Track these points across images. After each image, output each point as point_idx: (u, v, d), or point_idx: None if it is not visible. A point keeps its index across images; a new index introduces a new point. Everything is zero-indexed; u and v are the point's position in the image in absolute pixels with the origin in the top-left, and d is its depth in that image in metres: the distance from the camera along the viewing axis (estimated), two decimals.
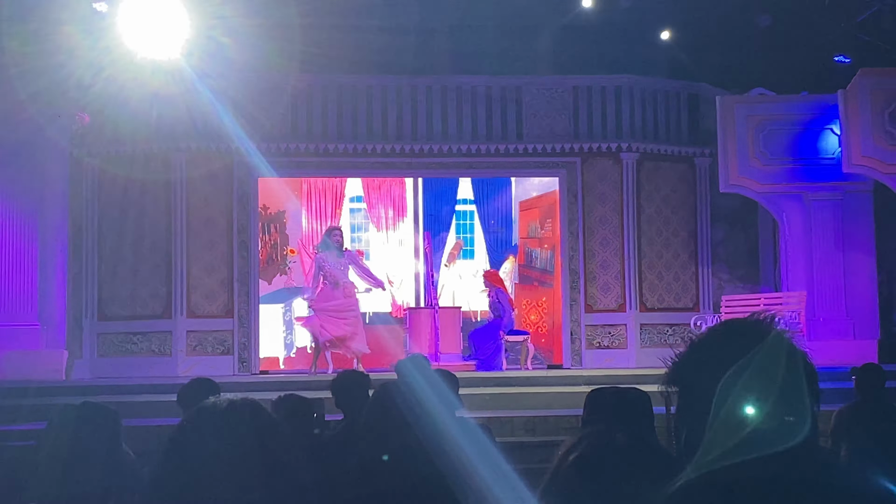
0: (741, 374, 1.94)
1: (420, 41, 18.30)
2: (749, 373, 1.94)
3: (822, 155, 16.30)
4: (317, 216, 19.42)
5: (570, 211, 16.96)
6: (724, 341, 1.99)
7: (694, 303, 17.25)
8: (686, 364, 2.01)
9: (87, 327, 16.19)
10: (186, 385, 6.90)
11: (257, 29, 16.89)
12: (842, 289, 16.21)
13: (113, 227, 16.34)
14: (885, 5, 15.70)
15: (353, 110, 16.83)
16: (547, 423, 11.34)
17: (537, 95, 17.18)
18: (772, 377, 1.94)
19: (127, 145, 16.31)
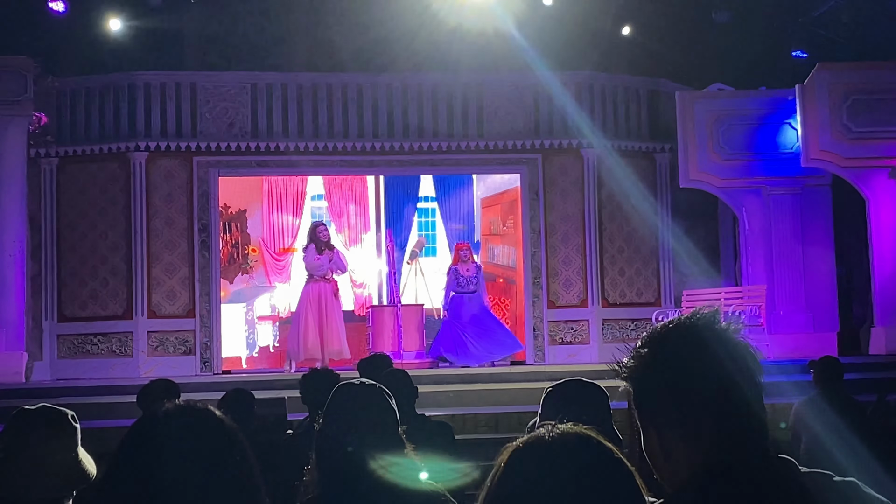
0: (688, 376, 1.95)
1: (380, 38, 18.28)
2: (691, 374, 1.95)
3: (780, 149, 16.42)
4: (278, 216, 19.37)
5: (531, 207, 16.99)
6: (671, 339, 2.01)
7: (656, 298, 17.32)
8: (638, 362, 2.03)
9: (46, 329, 16.08)
10: (146, 386, 6.86)
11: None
12: (801, 282, 16.34)
13: (72, 227, 16.24)
14: (841, 0, 15.82)
15: (312, 108, 16.79)
16: (510, 419, 11.37)
17: (498, 93, 17.20)
18: (712, 378, 1.96)
19: (85, 144, 16.27)
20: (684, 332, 2.01)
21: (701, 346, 1.98)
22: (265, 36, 18.07)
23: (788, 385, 10.85)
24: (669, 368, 1.97)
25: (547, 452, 1.82)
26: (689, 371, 1.95)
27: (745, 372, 1.98)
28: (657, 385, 1.99)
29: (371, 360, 7.39)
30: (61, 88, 16.35)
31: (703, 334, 1.99)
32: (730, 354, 1.98)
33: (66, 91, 16.41)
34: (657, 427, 1.99)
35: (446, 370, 15.17)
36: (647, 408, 2.00)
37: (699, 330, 2.00)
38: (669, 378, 1.97)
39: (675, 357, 1.97)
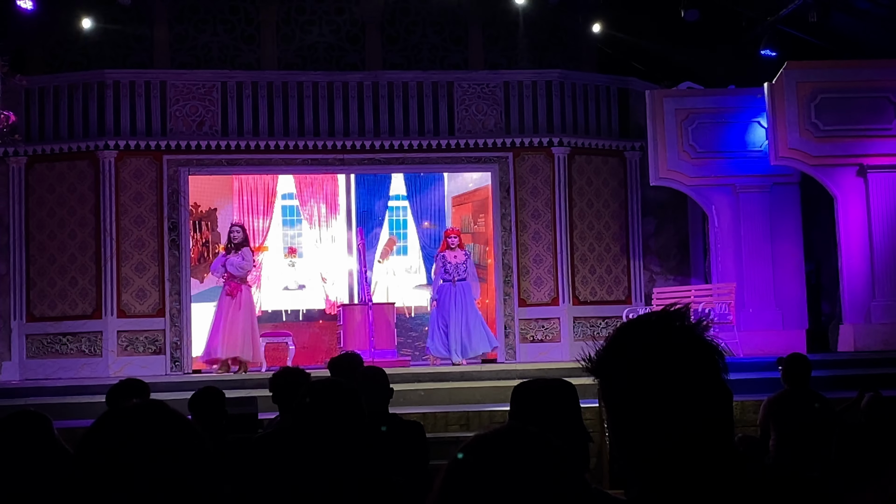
0: (653, 371, 1.96)
1: (351, 36, 18.28)
2: (656, 370, 1.96)
3: (749, 148, 16.50)
4: (249, 213, 19.30)
5: (502, 206, 17.01)
6: (637, 335, 2.02)
7: (626, 295, 17.37)
8: (603, 358, 2.04)
9: (15, 328, 16.00)
10: (115, 386, 6.83)
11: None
12: (771, 280, 16.42)
13: (40, 226, 16.17)
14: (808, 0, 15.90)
15: (283, 106, 16.76)
16: (481, 417, 11.37)
17: (468, 90, 17.21)
18: (677, 374, 1.96)
19: (54, 143, 16.20)
20: (652, 327, 2.02)
21: (667, 342, 1.99)
22: (235, 34, 18.02)
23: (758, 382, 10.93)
24: (635, 364, 1.98)
25: (483, 451, 1.83)
26: (654, 366, 1.96)
27: (711, 369, 1.98)
28: (623, 380, 1.99)
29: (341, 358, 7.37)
30: (29, 86, 16.24)
31: (670, 330, 2.00)
32: (696, 351, 1.99)
33: (34, 89, 16.31)
34: (623, 422, 1.99)
35: (417, 368, 15.16)
36: (614, 403, 2.01)
37: (667, 326, 2.01)
38: (635, 373, 1.98)
39: (641, 352, 1.98)
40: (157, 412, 1.98)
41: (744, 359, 14.11)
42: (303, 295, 19.93)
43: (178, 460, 1.89)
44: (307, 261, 20.17)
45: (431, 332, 15.99)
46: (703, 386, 1.97)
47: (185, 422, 1.97)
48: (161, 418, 1.95)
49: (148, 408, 2.01)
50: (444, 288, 15.89)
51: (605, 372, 2.04)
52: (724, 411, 1.99)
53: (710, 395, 1.97)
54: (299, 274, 20.18)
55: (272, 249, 19.88)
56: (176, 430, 1.93)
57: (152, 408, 1.99)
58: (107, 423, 1.96)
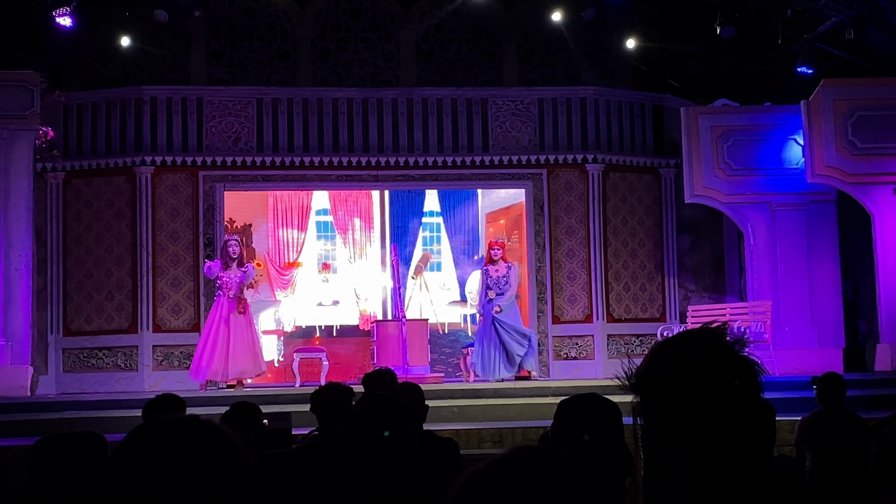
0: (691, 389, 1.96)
1: (386, 53, 18.36)
2: (695, 388, 1.96)
3: (786, 165, 16.43)
4: (283, 230, 19.40)
5: (536, 222, 17.02)
6: (677, 352, 2.02)
7: (661, 313, 17.32)
8: (643, 374, 2.04)
9: (52, 342, 16.12)
10: (152, 401, 6.85)
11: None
12: (807, 298, 16.32)
13: (78, 241, 16.31)
14: (846, 17, 15.83)
15: (318, 123, 16.85)
16: (515, 434, 11.35)
17: (502, 107, 17.25)
18: (715, 391, 1.97)
19: (92, 158, 16.35)
20: (692, 344, 2.03)
21: (707, 359, 2.00)
22: (271, 51, 18.15)
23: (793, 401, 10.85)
24: (676, 380, 1.99)
25: (499, 472, 1.77)
26: (694, 383, 1.97)
27: (751, 386, 1.99)
28: (663, 396, 2.00)
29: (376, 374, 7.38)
30: (68, 103, 16.44)
31: (709, 347, 2.01)
32: (735, 368, 2.00)
33: (72, 105, 16.51)
34: (662, 439, 2.00)
35: (450, 385, 15.14)
36: (653, 419, 2.01)
37: (706, 343, 2.02)
38: (675, 390, 1.99)
39: (682, 369, 1.99)
40: (199, 428, 1.90)
41: (779, 378, 14.02)
42: (336, 311, 19.97)
43: (221, 480, 1.85)
44: (341, 277, 20.22)
45: (476, 351, 15.56)
46: (743, 403, 1.98)
47: (230, 439, 1.92)
48: (203, 434, 1.89)
49: (188, 423, 1.92)
50: (487, 304, 15.44)
51: (645, 389, 2.04)
52: (764, 428, 1.99)
53: (750, 411, 1.98)
54: (333, 290, 20.22)
55: (306, 265, 19.95)
56: (220, 447, 1.89)
57: (193, 423, 1.92)
58: (142, 437, 1.89)
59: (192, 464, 1.84)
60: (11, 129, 15.00)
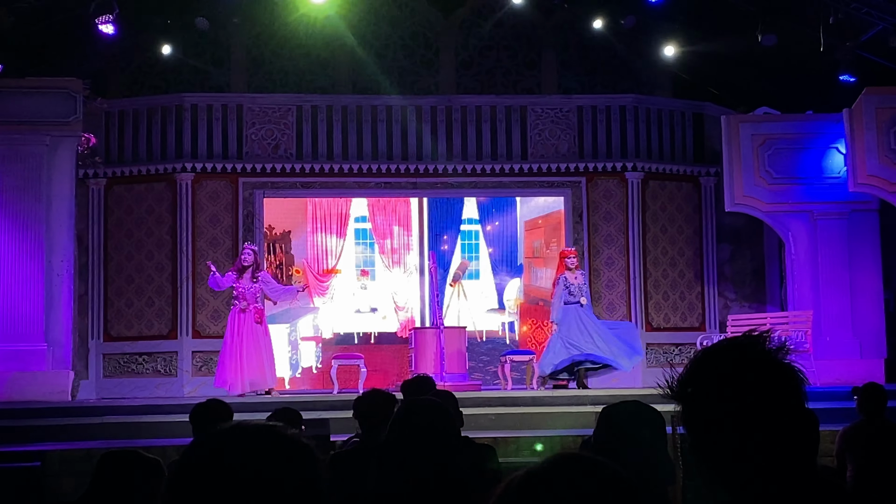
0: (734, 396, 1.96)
1: (425, 60, 18.40)
2: (738, 395, 1.96)
3: (827, 174, 16.33)
4: (322, 237, 19.48)
5: (575, 230, 16.99)
6: (720, 359, 2.02)
7: (700, 322, 17.25)
8: (686, 382, 2.04)
9: (93, 348, 16.25)
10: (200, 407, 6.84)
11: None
12: (848, 308, 16.20)
13: (119, 247, 16.43)
14: (889, 24, 15.73)
15: (357, 130, 16.90)
16: (552, 442, 11.33)
17: (542, 115, 17.24)
18: (759, 399, 1.97)
19: (133, 165, 16.48)
20: (734, 351, 2.03)
21: (750, 366, 1.99)
22: (311, 58, 18.22)
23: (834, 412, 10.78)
24: (719, 387, 1.99)
25: (539, 481, 1.74)
26: (737, 390, 1.97)
27: (794, 393, 1.99)
28: (706, 404, 2.00)
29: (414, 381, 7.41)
30: (110, 110, 16.56)
31: (752, 354, 2.01)
32: (778, 375, 1.99)
33: (114, 112, 16.63)
34: (706, 446, 2.00)
35: (488, 392, 15.13)
36: (696, 427, 2.01)
37: (749, 350, 2.02)
38: (718, 397, 1.98)
39: (725, 376, 1.99)
40: (271, 434, 1.86)
41: (820, 388, 13.92)
42: (374, 318, 20.03)
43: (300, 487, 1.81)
44: (379, 284, 20.28)
45: (546, 353, 15.30)
46: (786, 410, 1.98)
47: (310, 448, 1.87)
48: (280, 441, 1.85)
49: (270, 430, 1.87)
50: (568, 310, 15.14)
51: (687, 396, 2.04)
52: (807, 435, 1.99)
53: (793, 418, 1.98)
54: (371, 297, 20.28)
55: (345, 272, 20.02)
56: (303, 456, 1.85)
57: (263, 430, 1.87)
58: (220, 439, 1.85)
59: (275, 471, 1.81)
60: (54, 135, 15.13)
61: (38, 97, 15.10)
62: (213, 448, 1.85)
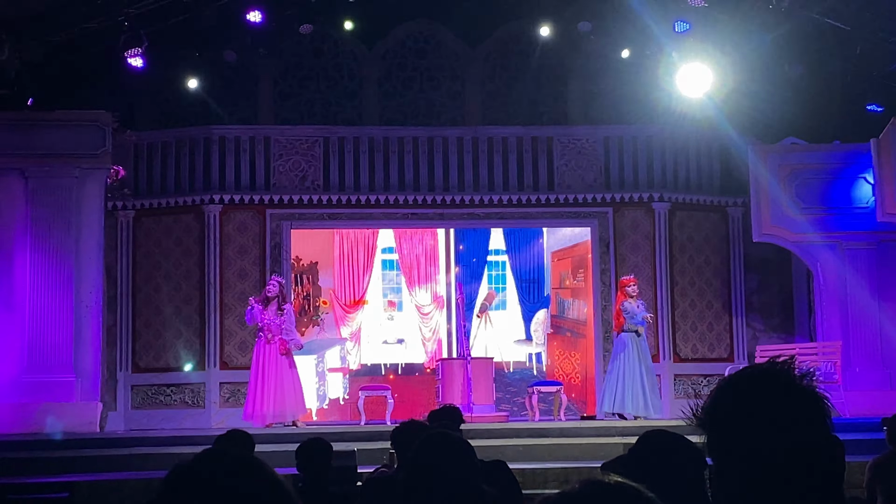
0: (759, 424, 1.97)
1: (451, 92, 18.49)
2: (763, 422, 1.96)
3: (855, 204, 16.29)
4: (349, 268, 19.53)
5: (601, 261, 16.98)
6: (744, 386, 2.03)
7: (728, 353, 17.18)
8: (711, 410, 2.04)
9: (121, 379, 16.29)
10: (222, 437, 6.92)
11: None
12: (878, 339, 16.12)
13: (147, 278, 16.50)
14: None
15: (384, 161, 16.96)
16: (580, 474, 11.29)
17: (568, 145, 17.27)
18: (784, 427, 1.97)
19: (161, 197, 16.57)
20: (757, 378, 2.03)
21: (773, 393, 1.99)
22: (338, 90, 18.35)
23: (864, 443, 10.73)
24: (744, 414, 1.99)
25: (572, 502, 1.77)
26: (762, 417, 1.97)
27: (819, 419, 1.99)
28: (728, 432, 2.00)
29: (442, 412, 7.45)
30: (139, 142, 16.67)
31: (775, 381, 2.01)
32: (803, 401, 2.00)
33: (143, 144, 16.73)
34: (732, 475, 1.99)
35: (515, 424, 15.12)
36: (721, 456, 2.02)
37: (772, 377, 2.02)
38: (740, 425, 1.98)
39: (750, 403, 1.99)
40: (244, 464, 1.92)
41: (849, 419, 13.86)
42: (402, 349, 20.05)
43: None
44: (406, 315, 20.30)
45: (606, 389, 15.13)
46: (811, 436, 1.97)
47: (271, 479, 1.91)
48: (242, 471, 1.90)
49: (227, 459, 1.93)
50: (625, 340, 14.97)
51: (712, 423, 2.04)
52: (833, 462, 1.98)
53: (818, 445, 1.98)
54: (398, 328, 20.31)
55: (372, 303, 20.06)
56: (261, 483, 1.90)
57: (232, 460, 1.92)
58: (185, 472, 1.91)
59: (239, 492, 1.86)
60: (83, 167, 15.26)
61: (67, 130, 15.25)
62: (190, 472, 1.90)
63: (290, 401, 14.39)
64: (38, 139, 15.12)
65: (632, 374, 14.86)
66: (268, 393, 14.27)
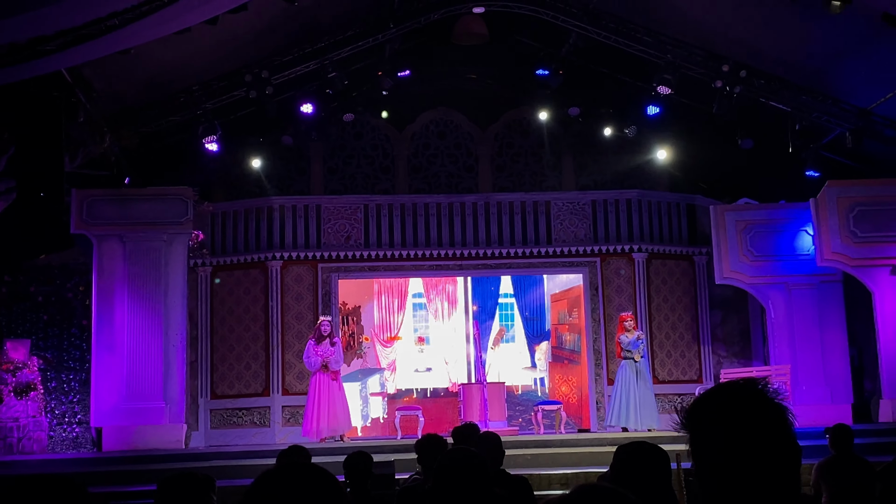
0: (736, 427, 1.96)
1: (467, 166, 18.62)
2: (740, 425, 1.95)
3: (798, 252, 16.28)
4: (386, 310, 19.56)
5: (592, 301, 16.99)
6: (723, 396, 2.02)
7: (698, 376, 17.11)
8: (693, 414, 2.03)
9: (202, 405, 16.32)
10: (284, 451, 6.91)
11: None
12: (820, 362, 16.05)
13: (222, 321, 16.57)
14: (845, 129, 15.79)
15: (413, 223, 17.04)
16: (578, 477, 11.29)
17: (562, 207, 17.31)
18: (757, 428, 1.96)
19: (233, 255, 16.67)
20: (734, 390, 2.03)
21: (746, 403, 1.98)
22: (375, 166, 18.49)
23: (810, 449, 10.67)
24: (722, 418, 1.98)
25: None
26: (737, 421, 1.96)
27: (784, 426, 1.98)
28: (710, 432, 1.98)
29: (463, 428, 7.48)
30: (214, 211, 16.76)
31: (748, 394, 2.00)
32: (772, 410, 1.99)
33: (218, 213, 16.83)
34: (710, 469, 1.97)
35: (524, 436, 15.07)
36: (701, 453, 2.00)
37: (745, 390, 2.02)
38: (721, 426, 1.97)
39: (727, 408, 1.98)
40: (311, 472, 2.00)
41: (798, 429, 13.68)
42: (430, 376, 20.02)
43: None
44: (433, 348, 20.30)
45: (610, 407, 15.10)
46: (777, 441, 1.96)
47: (333, 483, 2.00)
48: (314, 477, 1.99)
49: (303, 468, 2.02)
50: (624, 366, 14.95)
51: (693, 425, 2.02)
52: (795, 466, 1.97)
53: (783, 450, 1.96)
54: (427, 358, 20.29)
55: (405, 339, 20.06)
56: (327, 489, 1.97)
57: (306, 469, 2.02)
58: (270, 477, 2.00)
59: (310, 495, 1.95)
60: (170, 233, 15.37)
61: (157, 203, 15.37)
62: (266, 481, 2.00)
63: (340, 419, 14.42)
64: (134, 211, 15.24)
65: (626, 394, 14.86)
66: (322, 413, 14.30)
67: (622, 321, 15.23)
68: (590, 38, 15.56)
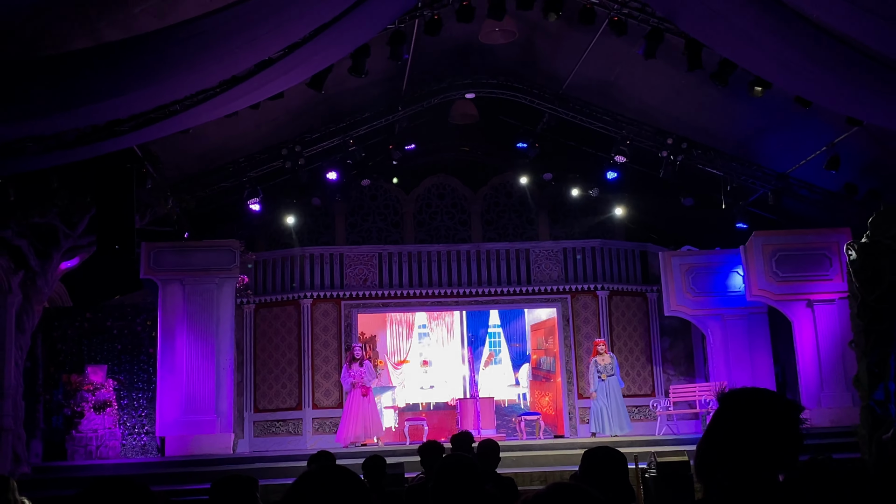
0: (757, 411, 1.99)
1: (461, 221, 18.71)
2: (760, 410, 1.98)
3: (731, 289, 16.34)
4: (396, 338, 19.55)
5: (564, 331, 16.99)
6: (753, 392, 2.06)
7: (651, 391, 17.07)
8: (729, 395, 2.07)
9: (247, 417, 16.26)
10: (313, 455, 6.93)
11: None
12: (750, 378, 15.98)
13: (263, 349, 16.55)
14: (767, 189, 15.91)
15: (418, 267, 17.09)
16: (554, 475, 11.26)
17: (539, 254, 17.38)
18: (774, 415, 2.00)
19: (272, 294, 16.68)
20: (761, 391, 2.07)
21: (773, 397, 2.03)
22: (387, 221, 18.57)
23: None
24: (751, 402, 2.02)
25: (543, 501, 1.81)
26: (762, 407, 2.00)
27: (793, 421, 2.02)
28: (739, 412, 2.00)
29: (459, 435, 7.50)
30: (257, 259, 16.80)
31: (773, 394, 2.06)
32: (790, 406, 2.03)
33: (259, 261, 16.86)
34: (730, 440, 1.98)
35: (510, 442, 15.00)
36: (726, 426, 2.01)
37: (768, 391, 2.07)
38: (748, 407, 2.00)
39: (755, 397, 2.03)
40: (342, 473, 2.02)
41: None
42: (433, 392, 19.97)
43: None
44: (435, 369, 20.25)
45: (592, 418, 15.20)
46: (787, 427, 2.00)
47: (360, 481, 2.02)
48: (345, 477, 2.00)
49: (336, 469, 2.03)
50: (600, 384, 15.12)
51: (729, 402, 2.05)
52: (798, 444, 2.00)
53: (790, 434, 2.00)
54: (430, 378, 20.24)
55: (412, 362, 20.02)
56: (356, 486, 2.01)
57: (339, 470, 2.04)
58: (311, 476, 2.00)
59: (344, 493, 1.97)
60: (221, 277, 15.40)
61: (210, 253, 15.42)
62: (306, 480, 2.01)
63: (370, 426, 14.53)
64: (191, 259, 15.29)
65: (598, 406, 14.99)
66: (352, 423, 14.43)
67: (595, 346, 15.35)
68: (560, 118, 15.74)
